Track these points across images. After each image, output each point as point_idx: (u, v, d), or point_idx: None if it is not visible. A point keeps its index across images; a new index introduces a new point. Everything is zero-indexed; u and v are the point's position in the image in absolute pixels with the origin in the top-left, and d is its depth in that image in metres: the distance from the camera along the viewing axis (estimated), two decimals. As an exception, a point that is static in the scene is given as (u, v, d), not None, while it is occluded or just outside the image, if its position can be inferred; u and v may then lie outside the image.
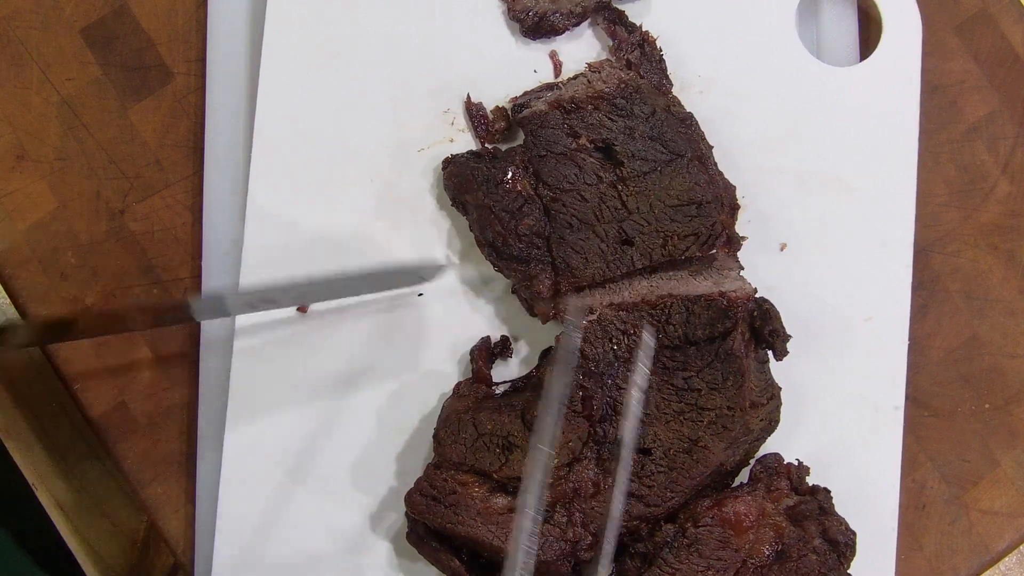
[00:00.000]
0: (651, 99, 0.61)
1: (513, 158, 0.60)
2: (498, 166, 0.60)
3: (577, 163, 0.59)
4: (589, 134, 0.60)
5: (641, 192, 0.59)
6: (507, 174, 0.59)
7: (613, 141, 0.60)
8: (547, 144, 0.60)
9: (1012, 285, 0.69)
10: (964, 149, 0.70)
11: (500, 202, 0.59)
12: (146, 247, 0.65)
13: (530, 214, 0.59)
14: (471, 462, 0.57)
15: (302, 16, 0.64)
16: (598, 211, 0.59)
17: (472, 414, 0.58)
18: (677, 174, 0.60)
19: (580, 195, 0.59)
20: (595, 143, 0.60)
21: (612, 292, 0.60)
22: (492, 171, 0.60)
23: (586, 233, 0.59)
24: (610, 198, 0.59)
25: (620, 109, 0.60)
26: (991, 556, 0.67)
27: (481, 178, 0.59)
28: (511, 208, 0.59)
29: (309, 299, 0.61)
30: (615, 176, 0.59)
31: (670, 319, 0.59)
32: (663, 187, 0.59)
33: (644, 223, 0.59)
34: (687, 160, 0.60)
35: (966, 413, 0.68)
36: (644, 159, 0.59)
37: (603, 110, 0.60)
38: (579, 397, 0.58)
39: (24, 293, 0.65)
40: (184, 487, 0.65)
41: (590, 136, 0.60)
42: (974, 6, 0.71)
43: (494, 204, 0.59)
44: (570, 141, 0.60)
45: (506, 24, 0.66)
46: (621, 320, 0.59)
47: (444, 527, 0.56)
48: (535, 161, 0.59)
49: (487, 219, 0.59)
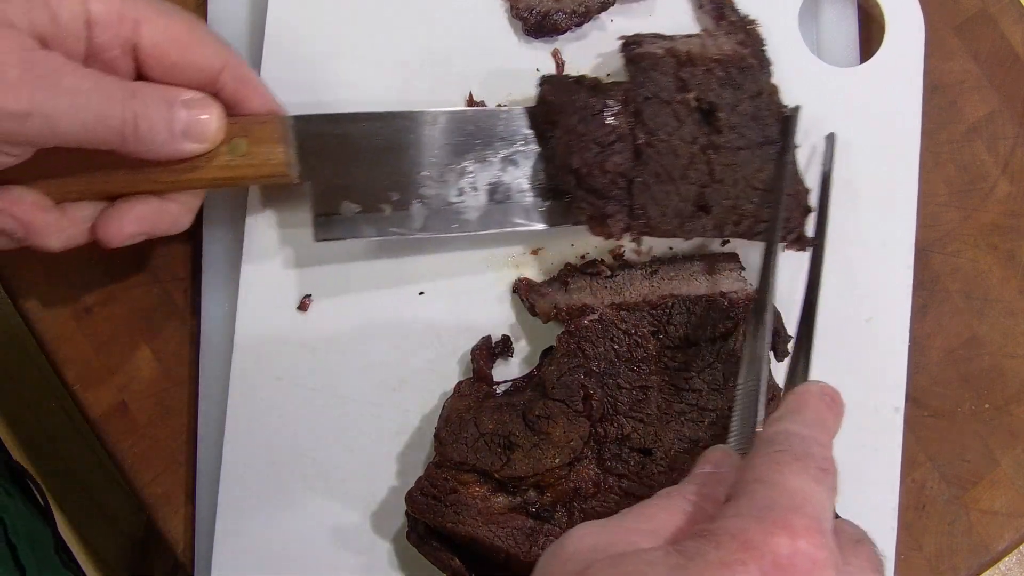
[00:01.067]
0: (761, 80, 0.60)
1: (615, 93, 0.59)
2: (599, 96, 0.58)
3: (678, 116, 0.58)
4: (698, 92, 0.59)
5: (729, 166, 0.58)
6: (607, 106, 0.58)
7: (718, 107, 0.59)
8: (655, 87, 0.58)
9: (1012, 285, 0.69)
10: (964, 149, 0.70)
11: (594, 132, 0.57)
12: (146, 247, 0.65)
13: (621, 152, 0.57)
14: (473, 461, 0.57)
15: (303, 16, 0.64)
16: (686, 170, 0.58)
17: (474, 413, 0.58)
18: (768, 160, 0.59)
19: (673, 149, 0.58)
20: (700, 103, 0.59)
21: (614, 292, 0.60)
22: (592, 99, 0.58)
23: (669, 187, 0.58)
24: (700, 161, 0.58)
25: (732, 79, 0.59)
26: (991, 556, 0.67)
27: (580, 103, 0.58)
28: (603, 141, 0.57)
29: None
30: (708, 142, 0.59)
31: (671, 319, 0.59)
32: (752, 168, 0.59)
33: (724, 196, 0.58)
34: (777, 149, 0.59)
35: (966, 413, 0.68)
36: (740, 135, 0.59)
37: (715, 75, 0.59)
38: (580, 396, 0.58)
39: (24, 293, 0.65)
40: (184, 487, 0.64)
41: (698, 95, 0.59)
42: (974, 6, 0.71)
43: (587, 132, 0.57)
44: (677, 93, 0.59)
45: (509, 22, 0.66)
46: (623, 320, 0.59)
47: (444, 526, 0.56)
48: (639, 101, 0.58)
49: (576, 145, 0.57)
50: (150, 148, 0.51)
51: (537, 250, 0.64)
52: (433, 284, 0.63)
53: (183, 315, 0.65)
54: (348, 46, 0.64)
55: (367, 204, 0.59)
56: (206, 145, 0.53)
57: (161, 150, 0.51)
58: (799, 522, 0.35)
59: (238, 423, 0.62)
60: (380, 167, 0.59)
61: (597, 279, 0.62)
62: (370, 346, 0.63)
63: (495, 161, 0.60)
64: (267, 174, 0.56)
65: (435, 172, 0.59)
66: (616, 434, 0.58)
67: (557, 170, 0.59)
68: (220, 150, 0.54)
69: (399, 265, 0.63)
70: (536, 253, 0.64)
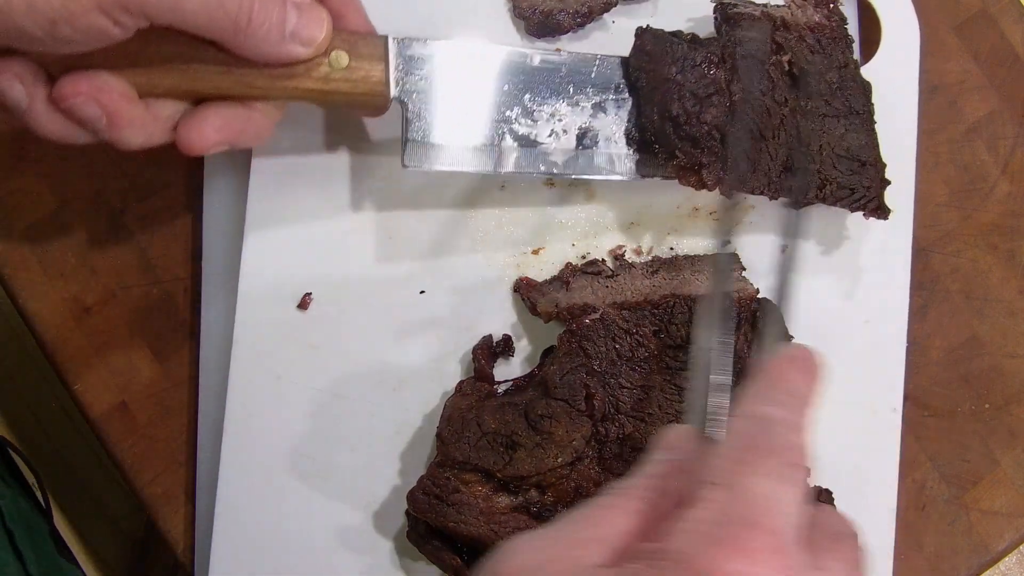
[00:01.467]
0: (847, 52, 0.62)
1: (713, 48, 0.60)
2: (698, 49, 0.59)
3: (771, 77, 0.60)
4: (792, 56, 0.60)
5: (816, 131, 0.60)
6: (706, 59, 0.59)
7: (808, 73, 0.60)
8: (751, 46, 0.60)
9: (1012, 285, 0.69)
10: (964, 149, 0.70)
11: (692, 83, 0.58)
12: (146, 247, 0.65)
13: (719, 105, 0.58)
14: (475, 461, 0.57)
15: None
16: (776, 131, 0.59)
17: (476, 413, 0.58)
18: (852, 129, 0.61)
19: (766, 108, 0.59)
20: (792, 67, 0.60)
21: (615, 292, 0.61)
22: (690, 52, 0.59)
23: (760, 145, 0.59)
24: (789, 124, 0.60)
25: (823, 48, 0.61)
26: (991, 556, 0.67)
27: (680, 54, 0.59)
28: (701, 93, 0.58)
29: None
30: (797, 106, 0.60)
31: (673, 319, 0.59)
32: (837, 135, 0.60)
33: (810, 160, 0.60)
34: (861, 120, 0.61)
35: (966, 413, 0.68)
36: (828, 102, 0.60)
37: (807, 41, 0.61)
38: (583, 396, 0.58)
39: (24, 293, 0.65)
40: (184, 487, 0.64)
41: (792, 58, 0.60)
42: (974, 6, 0.71)
43: (685, 82, 0.58)
44: (772, 54, 0.60)
45: (512, 22, 0.66)
46: (624, 319, 0.59)
47: (446, 526, 0.56)
48: (735, 58, 0.59)
49: (675, 94, 0.58)
50: (259, 45, 0.49)
51: (538, 250, 0.64)
52: (434, 283, 0.63)
53: (183, 315, 0.65)
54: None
55: (459, 135, 0.58)
56: (311, 50, 0.52)
57: (269, 49, 0.50)
58: (757, 542, 0.32)
59: (238, 423, 0.62)
60: (475, 100, 0.59)
61: (598, 279, 0.62)
62: (371, 345, 0.63)
63: (587, 107, 0.60)
64: (363, 91, 0.55)
65: (528, 111, 0.60)
66: (617, 433, 0.58)
67: (652, 118, 0.60)
68: (321, 61, 0.53)
69: (400, 263, 0.64)
70: (537, 253, 0.64)
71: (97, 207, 0.65)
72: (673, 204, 0.65)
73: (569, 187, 0.65)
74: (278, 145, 0.63)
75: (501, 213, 0.64)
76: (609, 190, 0.65)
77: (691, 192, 0.64)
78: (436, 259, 0.64)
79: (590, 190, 0.65)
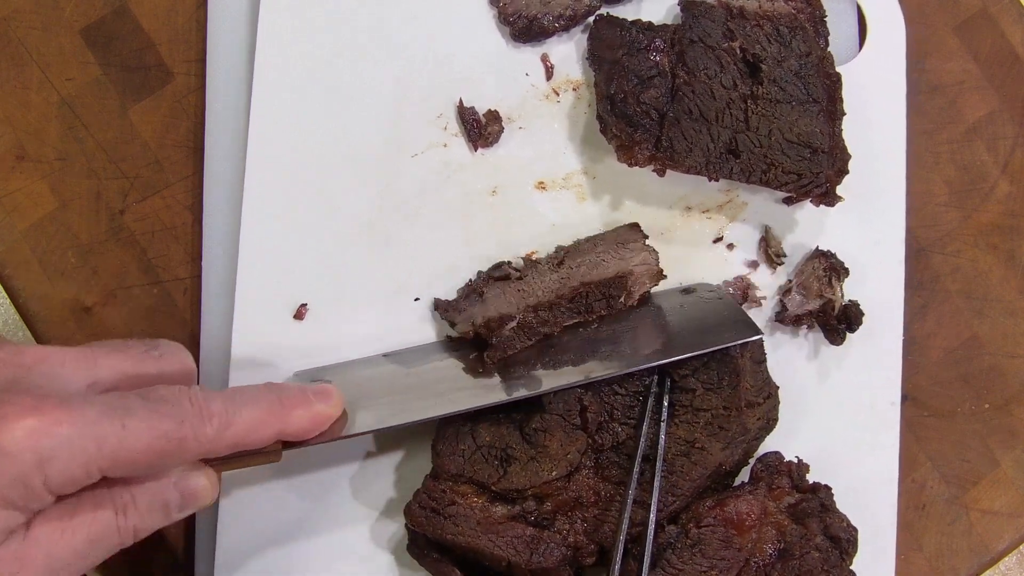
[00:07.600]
0: (812, 43, 0.63)
1: (663, 34, 0.62)
2: (646, 34, 0.61)
3: (721, 63, 0.61)
4: (744, 43, 0.61)
5: (766, 116, 0.61)
6: (651, 43, 0.61)
7: (762, 59, 0.61)
8: (702, 33, 0.61)
9: (1012, 285, 0.69)
10: (964, 149, 0.70)
11: (635, 65, 0.60)
12: (146, 247, 0.65)
13: (658, 87, 0.60)
14: (469, 474, 0.57)
15: (294, 22, 0.64)
16: (720, 113, 0.60)
17: (471, 426, 0.58)
18: (805, 115, 0.61)
19: (711, 91, 0.60)
20: (745, 54, 0.61)
21: (526, 294, 0.60)
22: (639, 36, 0.61)
23: (701, 126, 0.60)
24: (736, 108, 0.60)
25: (781, 36, 0.62)
26: (991, 556, 0.67)
27: (628, 39, 0.61)
28: (643, 75, 0.60)
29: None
30: (749, 91, 0.61)
31: (591, 308, 0.59)
32: (788, 121, 0.61)
33: (756, 144, 0.60)
34: (819, 108, 0.61)
35: (966, 413, 0.68)
36: (782, 89, 0.61)
37: (764, 30, 0.62)
38: (578, 410, 0.58)
39: (24, 293, 0.65)
40: (184, 487, 0.64)
41: (744, 45, 0.61)
42: (974, 6, 0.71)
43: (630, 65, 0.60)
44: (723, 41, 0.61)
45: (497, 27, 0.65)
46: (543, 322, 0.59)
47: (444, 538, 0.56)
48: (684, 43, 0.61)
49: (617, 74, 0.60)
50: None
51: (531, 253, 0.64)
52: (428, 291, 0.63)
53: (183, 315, 0.65)
54: (339, 53, 0.64)
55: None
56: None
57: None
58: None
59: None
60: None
61: (509, 283, 0.62)
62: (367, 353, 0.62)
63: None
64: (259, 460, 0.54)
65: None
66: (611, 441, 0.58)
67: (601, 99, 0.62)
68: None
69: (394, 272, 0.63)
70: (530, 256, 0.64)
71: (97, 207, 0.65)
72: (666, 204, 0.65)
73: (560, 190, 0.65)
74: (274, 151, 0.63)
75: (494, 218, 0.64)
76: (600, 191, 0.65)
77: (684, 192, 0.65)
78: (430, 266, 0.63)
79: (581, 192, 0.65)
